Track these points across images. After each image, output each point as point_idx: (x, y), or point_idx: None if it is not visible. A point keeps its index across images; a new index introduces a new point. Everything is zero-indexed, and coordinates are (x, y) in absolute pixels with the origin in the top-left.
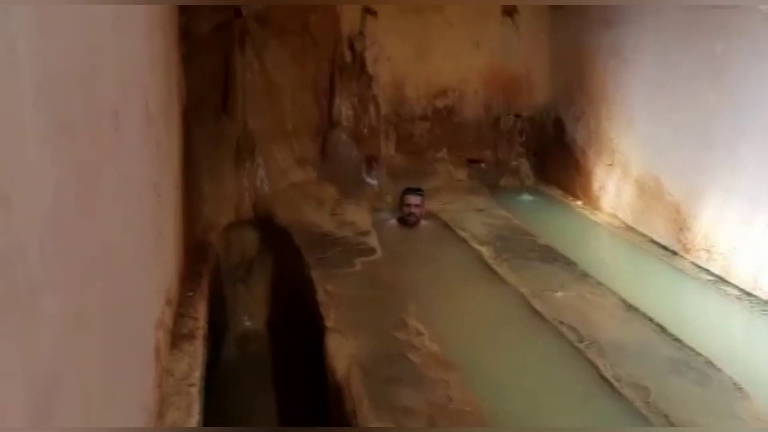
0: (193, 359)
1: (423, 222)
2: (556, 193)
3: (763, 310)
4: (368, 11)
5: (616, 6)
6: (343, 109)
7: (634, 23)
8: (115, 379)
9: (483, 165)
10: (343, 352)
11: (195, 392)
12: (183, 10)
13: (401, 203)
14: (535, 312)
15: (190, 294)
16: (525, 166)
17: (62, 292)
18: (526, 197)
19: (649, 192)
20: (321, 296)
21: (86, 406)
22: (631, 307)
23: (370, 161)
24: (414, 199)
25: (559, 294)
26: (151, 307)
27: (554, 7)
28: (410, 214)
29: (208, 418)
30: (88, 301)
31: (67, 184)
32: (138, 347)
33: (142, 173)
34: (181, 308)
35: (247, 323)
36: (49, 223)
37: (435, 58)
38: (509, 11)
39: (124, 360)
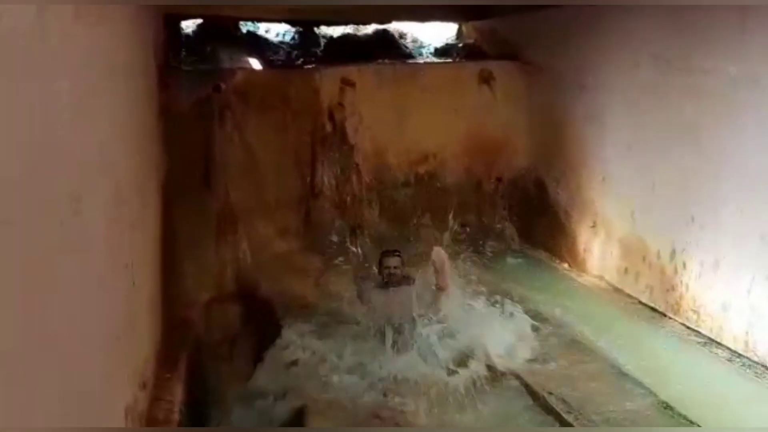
0: None
1: (403, 286)
2: (542, 255)
3: (755, 373)
4: (346, 83)
5: (591, 69)
6: (325, 178)
7: (608, 86)
8: None
9: (467, 229)
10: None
11: None
12: (163, 87)
13: (380, 267)
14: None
15: (168, 376)
16: (510, 230)
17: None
18: (512, 260)
19: (634, 253)
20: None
21: None
22: (620, 373)
23: (354, 229)
24: (392, 261)
25: (547, 362)
26: (120, 392)
27: (530, 73)
28: (390, 275)
29: None
30: (39, 392)
31: (11, 278)
32: None
33: (110, 256)
34: (158, 391)
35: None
36: None
37: (414, 126)
38: (486, 78)
39: None
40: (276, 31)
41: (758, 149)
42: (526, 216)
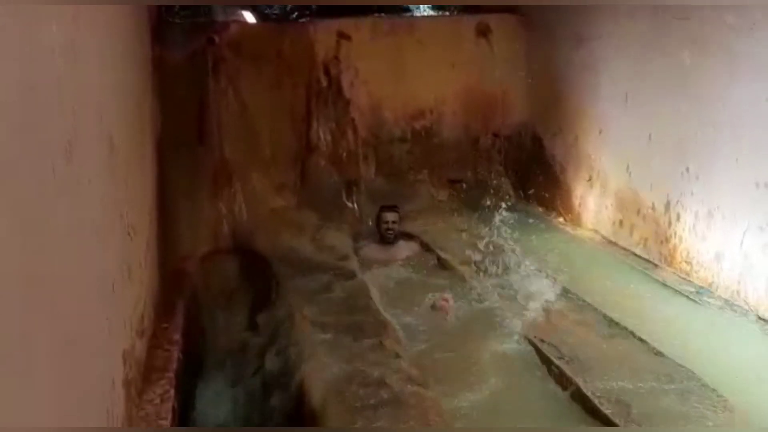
0: (165, 392)
1: (401, 241)
2: (537, 210)
3: (747, 320)
4: (342, 36)
5: (588, 21)
6: (321, 133)
7: (606, 36)
8: (73, 410)
9: (464, 185)
10: (319, 377)
11: (166, 424)
12: (156, 39)
13: (378, 222)
14: (515, 330)
15: (165, 326)
16: (506, 185)
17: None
18: (508, 216)
19: (628, 206)
20: (298, 322)
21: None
22: (612, 322)
23: (350, 185)
24: (390, 216)
25: (540, 311)
26: (117, 338)
27: (528, 26)
28: (388, 230)
29: None
30: (34, 332)
31: (8, 215)
32: (102, 379)
33: (105, 205)
34: (156, 340)
35: (228, 352)
36: None
37: (411, 80)
38: (483, 31)
39: (84, 393)
40: None
41: (754, 98)
42: (522, 171)
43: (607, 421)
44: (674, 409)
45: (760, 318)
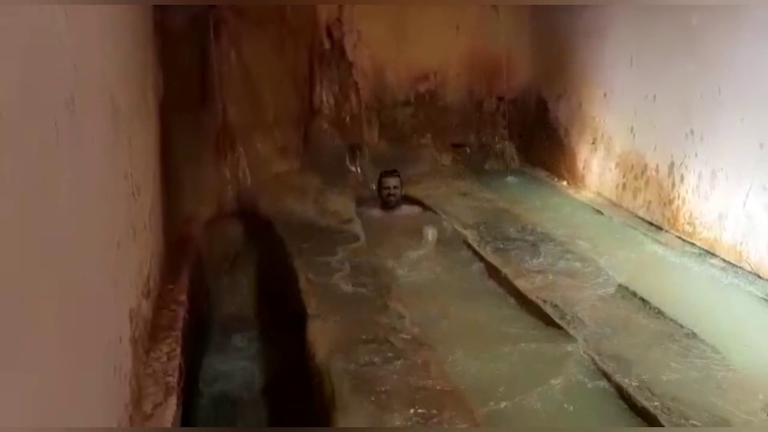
0: (172, 350)
1: (404, 206)
2: (541, 174)
3: (749, 281)
4: None
5: None
6: (324, 97)
7: None
8: (78, 366)
9: (467, 149)
10: (323, 338)
11: (173, 382)
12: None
13: (379, 188)
14: (519, 291)
15: (170, 287)
16: (510, 149)
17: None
18: (512, 179)
19: (633, 168)
20: (303, 284)
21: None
22: (614, 283)
23: (353, 149)
24: (391, 181)
25: (543, 273)
26: (123, 296)
27: None
28: (390, 195)
29: (189, 408)
30: (40, 289)
31: (12, 171)
32: (109, 336)
33: (109, 164)
34: (162, 301)
35: (233, 315)
36: None
37: (414, 42)
38: None
39: (90, 347)
40: None
41: (759, 58)
42: (526, 134)
43: (609, 380)
44: (675, 367)
45: (761, 278)
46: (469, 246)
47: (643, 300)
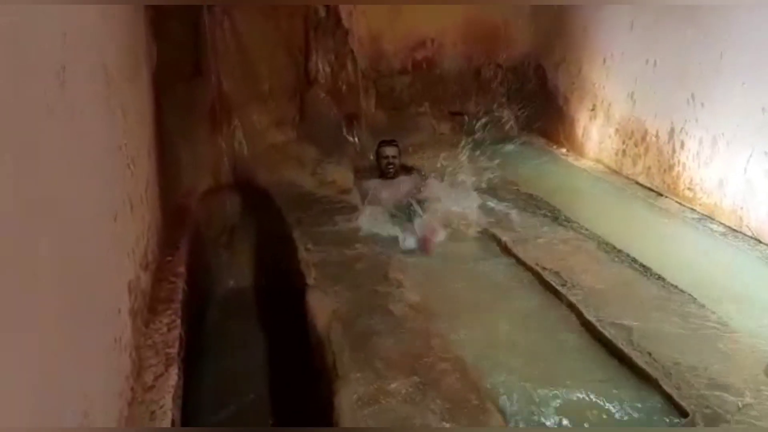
0: (171, 321)
1: (402, 176)
2: (540, 141)
3: (749, 246)
4: None
5: None
6: (320, 66)
7: None
8: (77, 337)
9: (465, 117)
10: (323, 307)
11: (173, 353)
12: None
13: (377, 157)
14: (518, 259)
15: (169, 259)
16: (508, 117)
17: None
18: (511, 147)
19: (632, 135)
20: (302, 254)
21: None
22: (614, 249)
23: (351, 119)
24: (390, 150)
25: (542, 240)
26: (121, 268)
27: None
28: (389, 164)
29: (190, 379)
30: (35, 263)
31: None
32: (108, 308)
33: (103, 135)
34: (160, 273)
35: (232, 287)
36: None
37: (411, 9)
38: None
39: (90, 321)
40: None
41: (760, 23)
42: (525, 102)
43: (608, 344)
44: (675, 332)
45: (761, 243)
46: None
47: (643, 266)
